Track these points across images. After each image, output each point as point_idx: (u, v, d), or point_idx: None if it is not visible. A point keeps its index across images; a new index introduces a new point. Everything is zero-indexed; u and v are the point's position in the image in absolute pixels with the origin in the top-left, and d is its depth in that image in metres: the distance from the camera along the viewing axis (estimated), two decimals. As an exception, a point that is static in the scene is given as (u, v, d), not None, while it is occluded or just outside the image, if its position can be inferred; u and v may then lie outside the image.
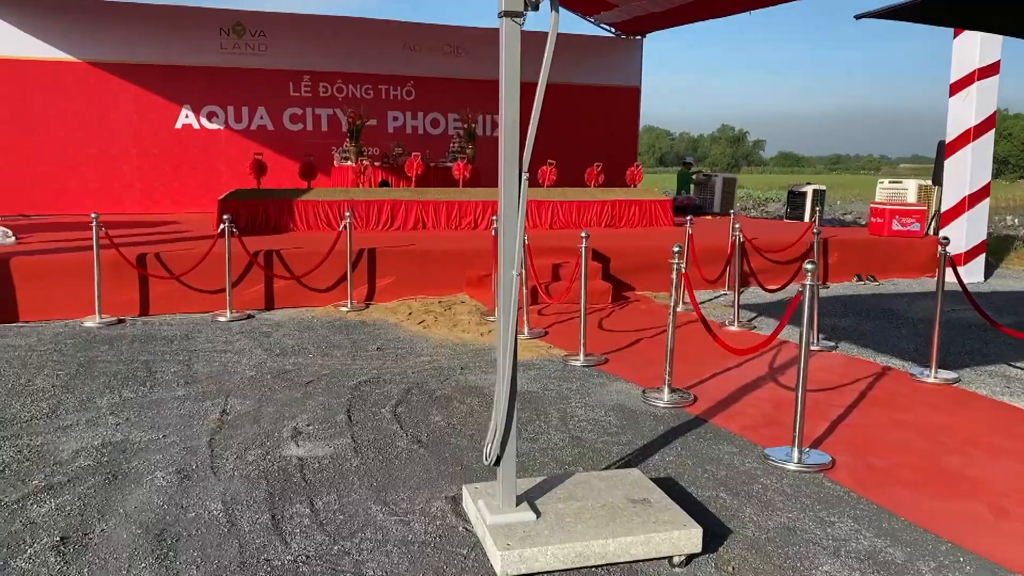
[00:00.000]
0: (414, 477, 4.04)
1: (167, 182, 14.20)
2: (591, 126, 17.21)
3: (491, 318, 7.99)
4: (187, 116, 14.38)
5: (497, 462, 3.20)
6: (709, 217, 15.15)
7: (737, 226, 7.94)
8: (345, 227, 8.45)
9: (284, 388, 5.60)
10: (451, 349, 6.86)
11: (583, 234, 6.47)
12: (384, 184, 12.32)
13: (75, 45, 13.43)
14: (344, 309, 8.42)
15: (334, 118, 15.52)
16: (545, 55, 3.02)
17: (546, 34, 3.14)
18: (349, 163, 12.71)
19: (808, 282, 4.22)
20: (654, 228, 11.98)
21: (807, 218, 15.25)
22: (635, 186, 12.38)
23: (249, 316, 8.07)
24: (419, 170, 11.58)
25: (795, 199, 15.58)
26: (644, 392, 5.46)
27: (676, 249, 5.29)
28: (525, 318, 7.38)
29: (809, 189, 15.32)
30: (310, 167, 11.42)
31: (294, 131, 15.22)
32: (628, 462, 4.26)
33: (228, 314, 7.94)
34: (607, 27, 17.66)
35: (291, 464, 4.19)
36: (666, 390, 5.32)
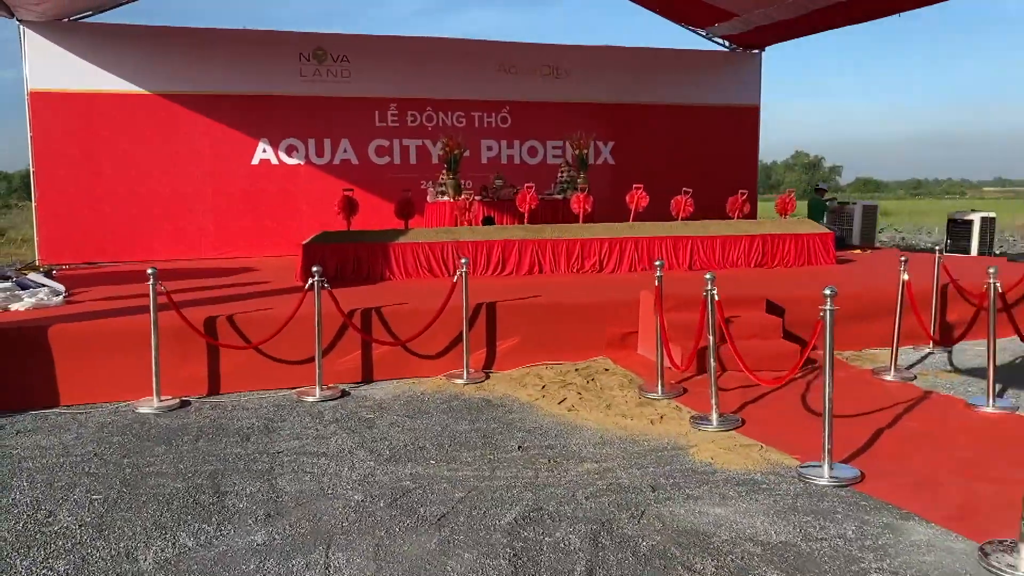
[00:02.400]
0: None
1: (243, 224, 12.82)
2: (706, 150, 15.29)
3: (653, 395, 6.07)
4: (265, 151, 13.04)
5: None
6: (857, 251, 12.95)
7: (992, 270, 5.84)
8: (460, 276, 6.69)
9: (407, 529, 3.79)
10: (620, 448, 4.97)
11: (828, 291, 4.51)
12: (488, 221, 10.60)
13: (145, 76, 12.24)
14: (460, 381, 6.63)
15: (423, 149, 14.01)
16: None
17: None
18: (446, 198, 11.06)
19: None
20: (814, 267, 9.91)
21: (974, 251, 12.94)
22: (785, 217, 10.36)
23: (344, 394, 6.35)
24: (533, 204, 9.82)
25: (958, 229, 13.28)
26: (982, 551, 3.43)
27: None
28: (714, 401, 5.43)
29: (976, 217, 13.02)
30: (408, 204, 9.80)
31: (380, 165, 13.74)
32: None
33: (317, 392, 6.23)
34: (721, 41, 15.76)
35: None
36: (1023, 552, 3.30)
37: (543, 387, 6.44)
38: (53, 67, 11.86)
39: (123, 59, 12.18)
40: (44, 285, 7.70)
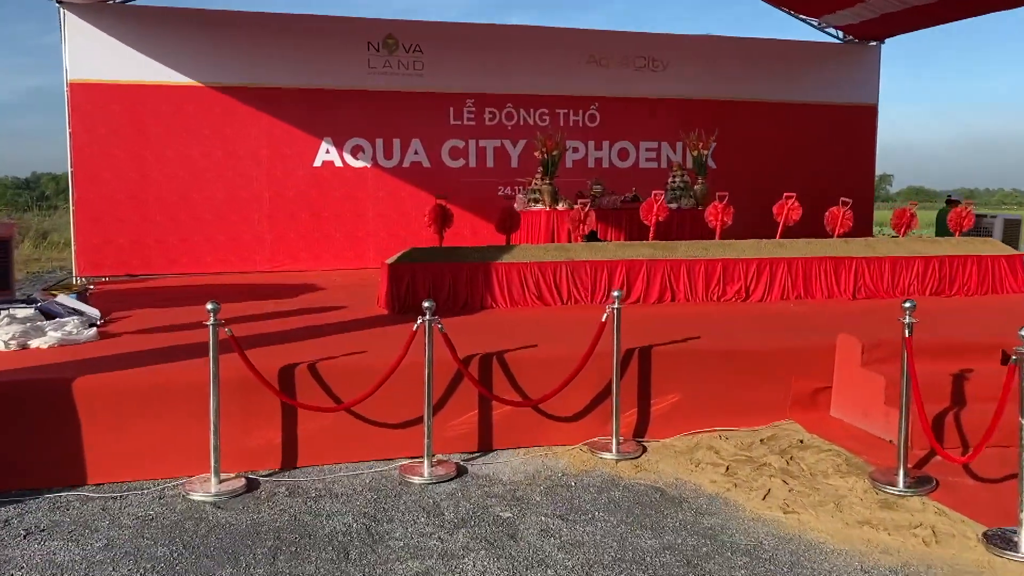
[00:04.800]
0: None
1: (304, 233, 11.32)
2: (818, 153, 13.47)
3: (891, 488, 4.36)
4: (328, 151, 11.52)
5: None
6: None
7: None
8: (612, 313, 5.04)
9: None
10: (904, 593, 3.27)
11: None
12: (591, 236, 8.93)
13: (197, 66, 10.82)
14: (609, 456, 4.98)
15: (501, 150, 12.42)
16: None
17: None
18: (540, 207, 9.46)
19: None
20: (1003, 296, 8.08)
21: None
22: (959, 234, 8.53)
23: (460, 471, 4.73)
24: (661, 216, 8.15)
25: None
26: None
27: None
28: (1023, 515, 3.70)
29: None
30: (512, 215, 8.18)
31: (454, 168, 12.16)
32: None
33: (426, 469, 4.63)
34: (834, 32, 13.94)
35: None
36: None
37: (727, 468, 4.76)
38: (96, 55, 10.48)
39: (174, 47, 10.77)
40: (74, 311, 6.24)
